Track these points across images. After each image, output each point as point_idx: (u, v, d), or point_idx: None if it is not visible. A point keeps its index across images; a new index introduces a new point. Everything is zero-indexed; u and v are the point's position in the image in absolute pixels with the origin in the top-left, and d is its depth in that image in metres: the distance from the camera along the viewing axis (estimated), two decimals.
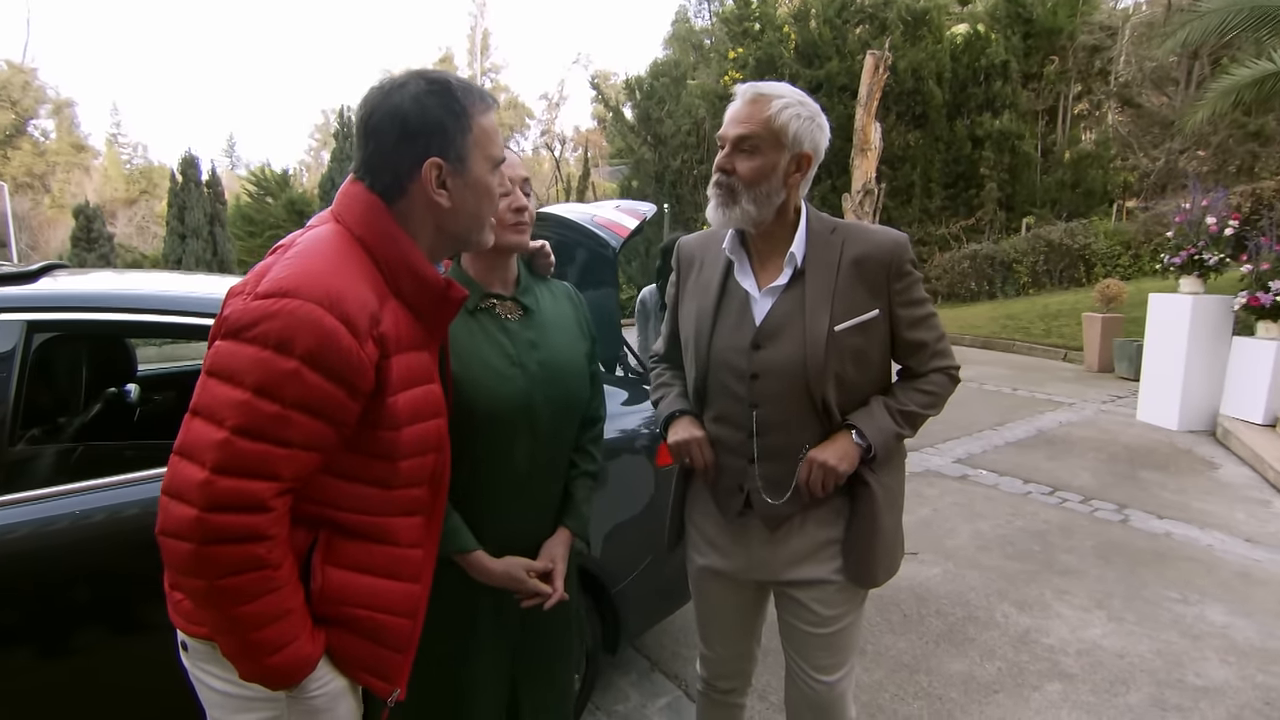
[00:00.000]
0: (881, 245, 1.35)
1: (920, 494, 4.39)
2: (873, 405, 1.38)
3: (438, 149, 1.01)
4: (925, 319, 1.39)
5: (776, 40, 16.81)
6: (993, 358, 9.52)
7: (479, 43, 37.74)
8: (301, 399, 0.90)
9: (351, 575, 1.04)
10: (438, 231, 1.08)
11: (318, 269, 0.94)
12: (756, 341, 1.37)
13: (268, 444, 0.89)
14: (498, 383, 1.32)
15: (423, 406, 1.07)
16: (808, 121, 1.30)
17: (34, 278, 1.69)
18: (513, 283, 1.42)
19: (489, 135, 1.07)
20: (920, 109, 15.82)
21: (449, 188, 1.04)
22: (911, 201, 15.90)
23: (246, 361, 0.89)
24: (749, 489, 1.42)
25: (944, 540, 3.70)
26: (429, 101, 1.01)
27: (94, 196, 26.11)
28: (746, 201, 1.31)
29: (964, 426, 5.93)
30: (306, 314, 0.89)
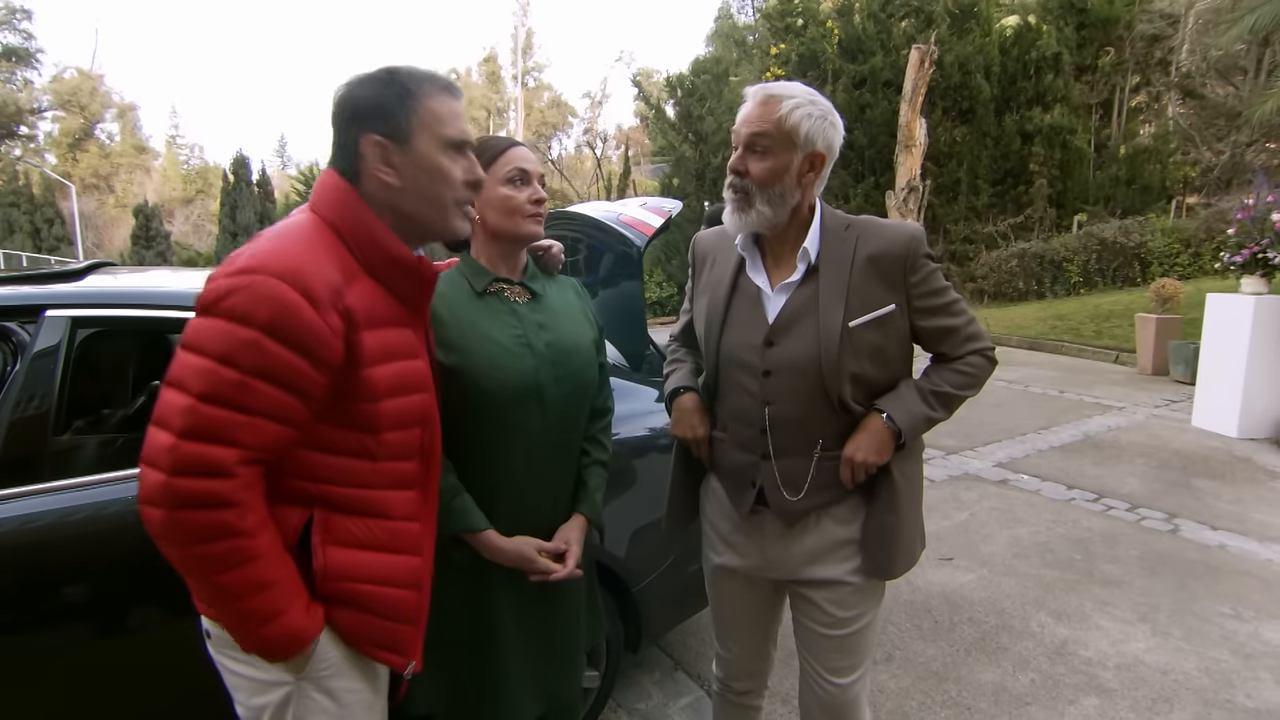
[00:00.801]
0: (896, 239, 1.33)
1: (958, 498, 4.29)
2: (901, 388, 1.36)
3: (378, 127, 1.05)
4: (949, 305, 1.37)
5: (819, 35, 16.58)
6: (1040, 359, 9.24)
7: (522, 42, 38.10)
8: (261, 366, 0.93)
9: (351, 552, 1.07)
10: (396, 213, 1.09)
11: (281, 248, 0.98)
12: (769, 338, 1.36)
13: (230, 410, 0.93)
14: (507, 361, 1.35)
15: (404, 381, 1.09)
16: (819, 120, 1.29)
17: (80, 276, 1.76)
18: (521, 270, 1.45)
19: (439, 118, 1.08)
20: (967, 104, 15.42)
21: (395, 165, 1.06)
22: (957, 199, 15.52)
23: (212, 333, 0.94)
24: (762, 485, 1.40)
25: (980, 546, 3.61)
26: (374, 86, 1.06)
27: (153, 196, 27.22)
28: (761, 203, 1.31)
29: (1006, 429, 5.77)
30: (268, 288, 0.94)
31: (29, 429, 1.50)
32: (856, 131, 16.02)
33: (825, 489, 1.38)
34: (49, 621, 1.48)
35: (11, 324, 1.57)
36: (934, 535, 3.73)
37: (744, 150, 1.31)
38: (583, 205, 2.70)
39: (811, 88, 1.33)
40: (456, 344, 1.34)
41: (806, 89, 1.31)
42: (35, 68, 30.91)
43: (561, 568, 1.40)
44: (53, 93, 30.93)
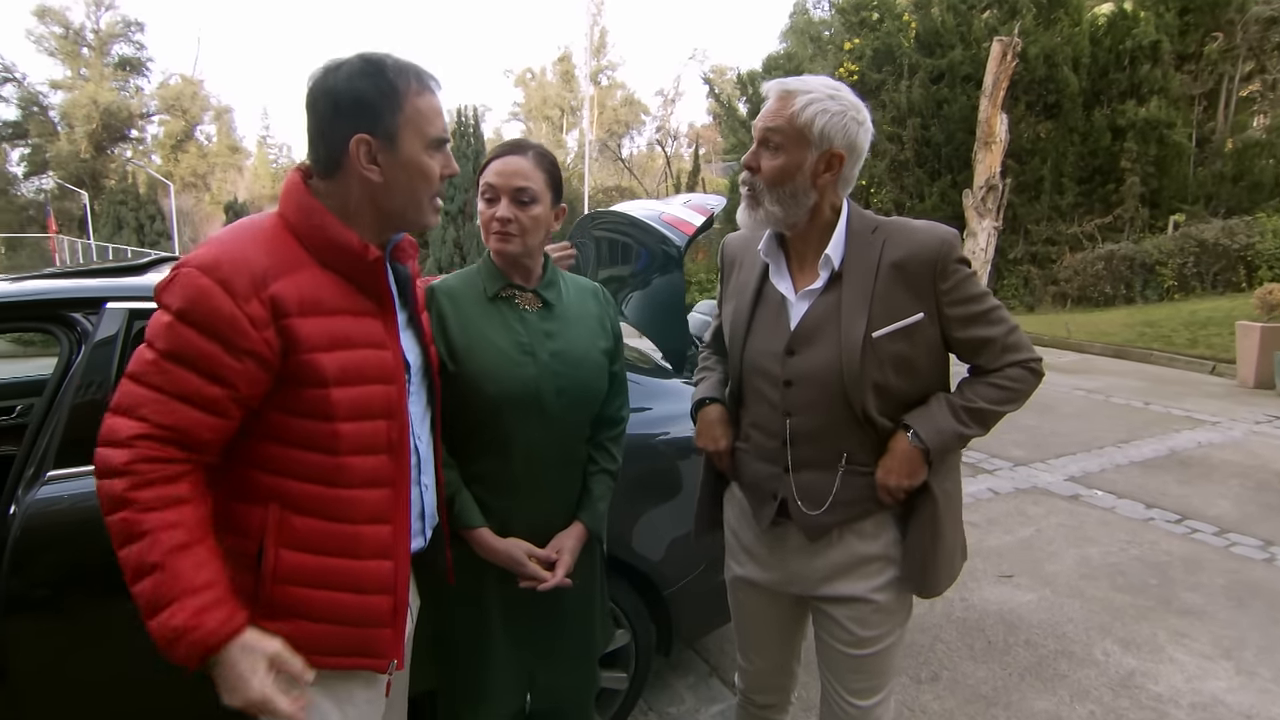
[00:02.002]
0: (925, 244, 1.25)
1: (1023, 512, 4.07)
2: (931, 403, 1.29)
3: (366, 126, 1.05)
4: (985, 314, 1.28)
5: (895, 29, 16.06)
6: (1125, 368, 8.68)
7: (596, 41, 38.49)
8: (171, 349, 0.98)
9: (306, 556, 1.07)
10: (374, 207, 1.11)
11: (213, 241, 1.04)
12: (790, 347, 1.31)
13: (142, 387, 0.98)
14: (508, 368, 1.35)
15: (360, 369, 1.09)
16: (838, 117, 1.22)
17: (143, 271, 1.86)
18: (536, 276, 1.44)
19: (424, 115, 1.09)
20: (1053, 98, 14.62)
21: (380, 164, 1.08)
22: (1040, 198, 14.74)
23: (150, 322, 1.01)
24: (784, 498, 1.36)
25: (1044, 564, 3.41)
26: (360, 81, 1.05)
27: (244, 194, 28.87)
28: (770, 202, 1.26)
29: (1082, 441, 5.44)
30: (188, 278, 0.99)
31: (89, 413, 1.60)
32: (933, 128, 15.44)
33: (849, 505, 1.32)
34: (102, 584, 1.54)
35: (77, 314, 1.67)
36: (994, 551, 3.56)
37: (758, 145, 1.27)
38: (626, 204, 2.69)
39: (840, 82, 1.26)
40: (460, 347, 1.35)
41: (829, 83, 1.24)
42: (145, 75, 33.37)
43: (550, 576, 1.39)
44: (159, 98, 33.26)
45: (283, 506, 1.07)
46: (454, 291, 1.41)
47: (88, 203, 26.66)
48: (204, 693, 1.38)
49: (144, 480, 0.96)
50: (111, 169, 30.49)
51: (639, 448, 2.12)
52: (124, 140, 32.70)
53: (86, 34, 31.26)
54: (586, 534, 1.48)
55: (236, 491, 1.07)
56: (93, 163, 30.25)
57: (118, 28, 31.93)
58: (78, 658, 1.59)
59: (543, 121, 38.95)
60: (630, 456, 2.08)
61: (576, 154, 25.54)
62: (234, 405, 1.02)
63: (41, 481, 1.55)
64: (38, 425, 1.62)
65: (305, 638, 1.07)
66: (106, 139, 31.24)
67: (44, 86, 31.64)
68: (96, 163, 30.45)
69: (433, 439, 1.31)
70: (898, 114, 15.62)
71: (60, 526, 1.54)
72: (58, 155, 30.20)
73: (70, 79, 31.49)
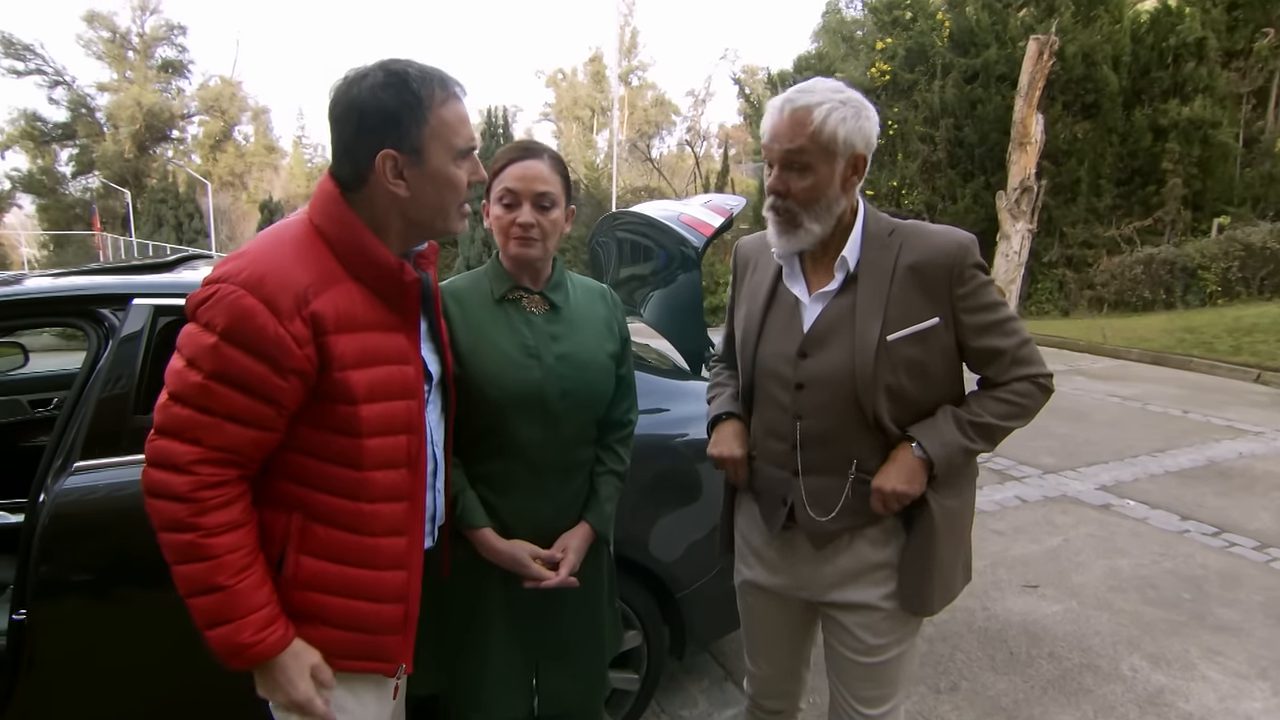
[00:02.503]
0: (941, 248, 1.22)
1: (1051, 522, 3.98)
2: (938, 415, 1.26)
3: (392, 141, 1.04)
4: (999, 324, 1.25)
5: (929, 28, 15.82)
6: (1163, 375, 8.44)
7: (627, 41, 38.52)
8: (219, 370, 0.98)
9: (324, 564, 1.09)
10: (402, 219, 1.11)
11: (252, 254, 1.02)
12: (803, 349, 1.29)
13: (192, 410, 0.98)
14: (512, 371, 1.36)
15: (387, 386, 1.10)
16: (854, 119, 1.19)
17: (171, 268, 1.91)
18: (544, 278, 1.44)
19: (449, 126, 1.07)
20: (1091, 97, 14.27)
21: (406, 178, 1.07)
22: (1076, 200, 14.41)
23: (186, 337, 1.00)
24: (793, 502, 1.34)
25: (1071, 575, 3.33)
26: (384, 94, 1.03)
27: (279, 192, 29.46)
28: (809, 221, 1.23)
29: (1115, 450, 5.30)
30: (231, 297, 0.98)
31: (115, 406, 1.64)
32: (966, 129, 15.18)
33: (859, 512, 1.30)
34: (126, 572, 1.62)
35: (105, 310, 1.72)
36: (1020, 560, 3.48)
37: (780, 169, 1.23)
38: (645, 204, 2.69)
39: (843, 83, 1.23)
40: (465, 348, 1.36)
41: (831, 84, 1.21)
42: (186, 77, 34.25)
43: (554, 575, 1.39)
44: (199, 99, 34.14)
45: (306, 516, 1.09)
46: (461, 293, 1.41)
47: (130, 201, 27.47)
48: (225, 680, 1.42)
49: (208, 507, 0.99)
50: (153, 168, 31.39)
51: (657, 449, 2.12)
52: (165, 140, 33.62)
53: (132, 38, 32.20)
54: (592, 535, 1.47)
55: (262, 498, 1.09)
56: (135, 162, 31.16)
57: (161, 31, 32.82)
58: (103, 644, 1.63)
59: (573, 122, 39.08)
60: (648, 457, 2.08)
61: (606, 154, 25.58)
62: (281, 421, 1.03)
63: (69, 472, 1.60)
64: (66, 417, 1.67)
65: (321, 641, 1.11)
66: (149, 139, 32.15)
67: (91, 89, 32.70)
68: (139, 162, 31.36)
69: (445, 444, 1.32)
70: (930, 114, 15.39)
71: (85, 516, 1.59)
72: (103, 155, 31.15)
73: (116, 81, 32.46)
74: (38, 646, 1.58)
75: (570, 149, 36.95)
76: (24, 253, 29.52)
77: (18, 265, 27.50)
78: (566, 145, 37.55)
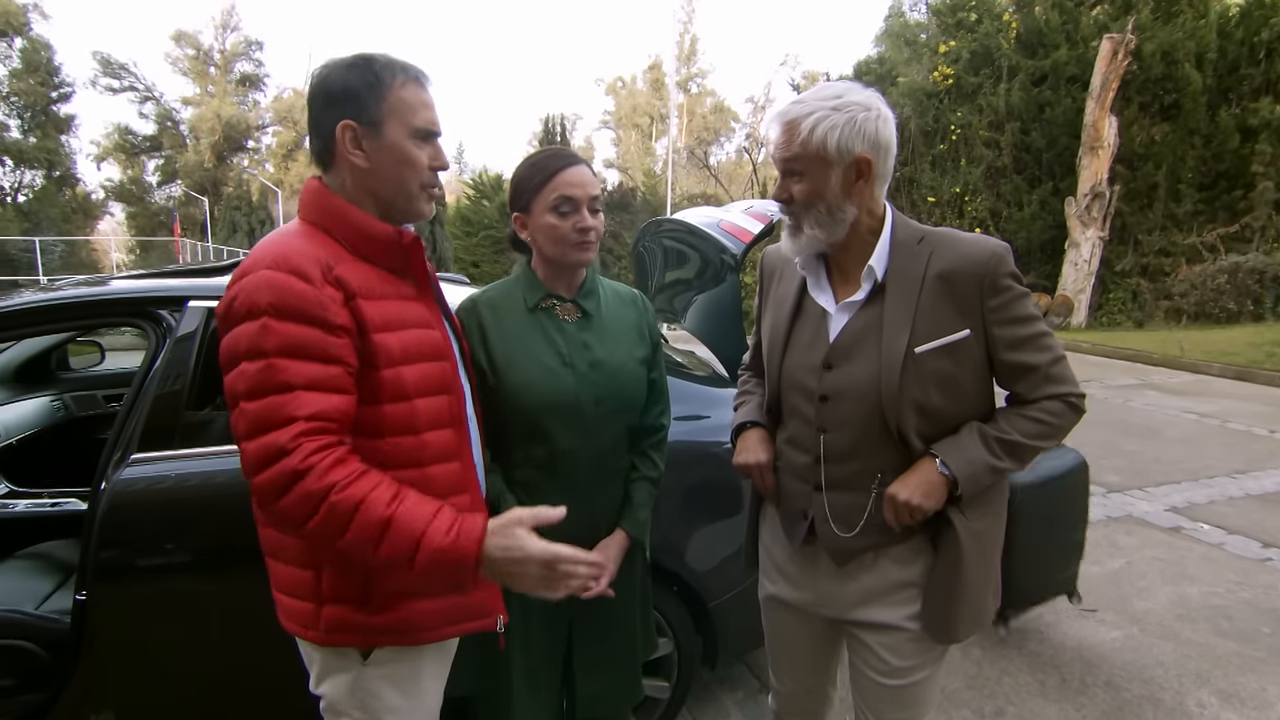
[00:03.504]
0: (973, 257, 1.18)
1: (1114, 543, 3.77)
2: (963, 432, 1.21)
3: (351, 112, 1.10)
4: (1032, 339, 1.20)
5: (995, 30, 15.34)
6: (1248, 391, 7.93)
7: (686, 49, 38.59)
8: (279, 345, 0.99)
9: None
10: (370, 196, 1.14)
11: (263, 247, 1.07)
12: (828, 360, 1.26)
13: (270, 396, 0.98)
14: (547, 379, 1.37)
15: (420, 347, 1.14)
16: (848, 125, 1.16)
17: (224, 272, 2.00)
18: (577, 286, 1.45)
19: (409, 106, 1.12)
20: (1171, 98, 13.56)
21: (364, 149, 1.11)
22: (1153, 206, 13.70)
23: (232, 341, 1.02)
24: (814, 517, 1.31)
25: (1133, 600, 3.15)
26: (348, 73, 1.11)
27: None
28: (809, 226, 1.22)
29: (1189, 469, 5.00)
30: (261, 279, 1.01)
31: (169, 402, 1.73)
32: (1034, 133, 14.65)
33: (883, 530, 1.25)
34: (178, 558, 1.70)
35: (163, 311, 1.81)
36: None
37: (782, 177, 1.24)
38: (687, 211, 2.69)
39: (860, 84, 1.19)
40: (500, 358, 1.37)
41: (830, 92, 1.18)
42: (262, 90, 36.06)
43: (594, 586, 1.37)
44: (273, 110, 35.88)
45: None
46: (494, 303, 1.43)
47: (208, 208, 29.02)
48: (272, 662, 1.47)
49: (327, 467, 0.97)
50: (230, 177, 33.11)
51: (697, 456, 2.11)
52: (242, 150, 35.43)
53: (214, 54, 34.08)
54: (629, 542, 1.47)
55: None
56: (214, 171, 32.94)
57: (240, 47, 34.66)
58: (156, 625, 1.72)
59: (632, 129, 39.36)
60: (686, 465, 2.07)
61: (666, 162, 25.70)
62: (350, 380, 1.05)
63: (127, 463, 1.69)
64: (126, 412, 1.76)
65: (419, 617, 1.14)
66: (227, 149, 33.96)
67: (177, 103, 34.81)
68: (217, 171, 33.14)
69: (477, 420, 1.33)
70: (995, 118, 14.91)
71: (141, 505, 1.68)
72: (185, 165, 33.04)
73: (198, 95, 34.43)
74: (96, 626, 1.67)
75: (629, 156, 37.21)
76: (114, 257, 31.51)
77: (108, 269, 29.32)
78: (625, 152, 37.85)
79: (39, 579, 2.21)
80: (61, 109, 27.30)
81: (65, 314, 1.86)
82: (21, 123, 26.31)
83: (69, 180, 27.87)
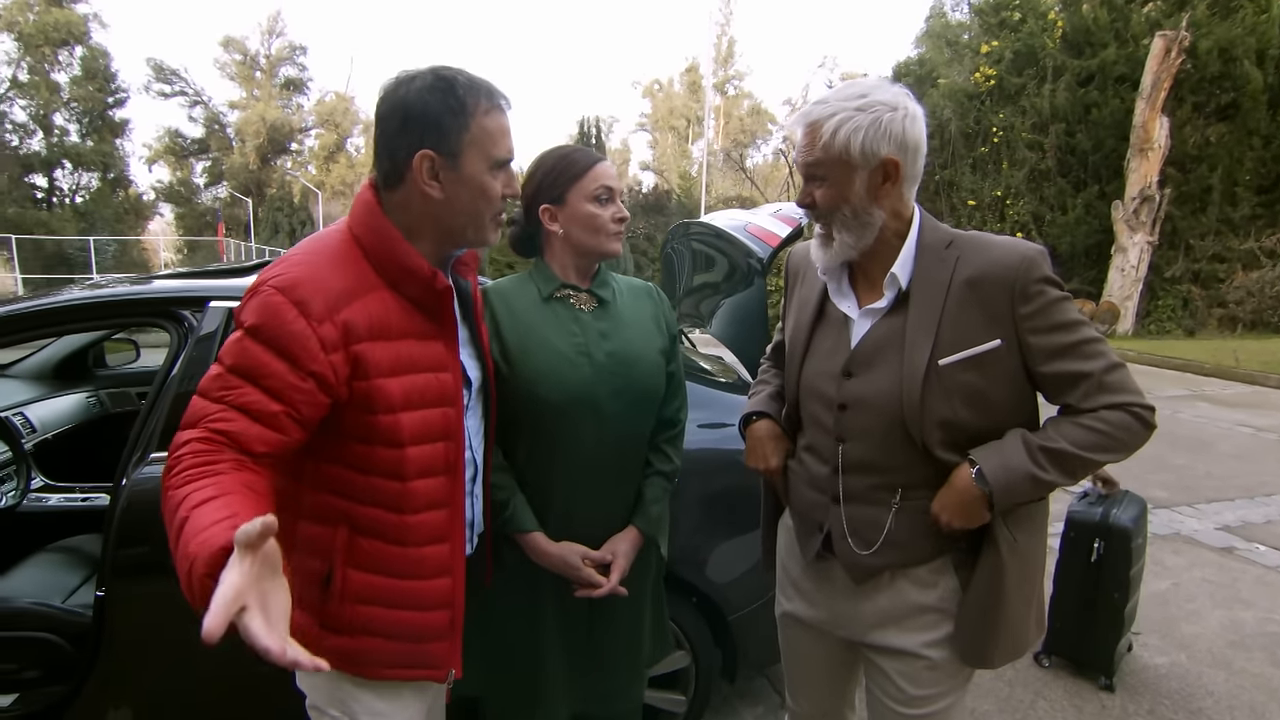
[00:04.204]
0: (1002, 262, 1.10)
1: (1160, 563, 3.60)
2: (1007, 437, 1.12)
3: (431, 142, 1.05)
4: (1078, 345, 1.09)
5: (1039, 29, 14.94)
6: None
7: (724, 51, 38.45)
8: (237, 364, 0.98)
9: (371, 577, 1.10)
10: (435, 224, 1.11)
11: (291, 260, 1.04)
12: (848, 368, 1.20)
13: (206, 400, 0.98)
14: (565, 370, 1.34)
15: (423, 393, 1.10)
16: (874, 125, 1.08)
17: (247, 272, 2.01)
18: (590, 276, 1.43)
19: (490, 135, 1.08)
20: (1228, 97, 13.05)
21: (441, 180, 1.07)
22: (1207, 210, 13.20)
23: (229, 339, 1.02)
24: (831, 531, 1.24)
25: (1181, 625, 3.00)
26: (430, 96, 1.05)
27: None
28: (838, 231, 1.16)
29: (1244, 486, 4.76)
30: (265, 298, 1.00)
31: (188, 401, 1.73)
32: (1079, 134, 14.25)
33: (903, 547, 1.18)
34: None
35: (185, 311, 1.82)
36: None
37: (805, 182, 1.17)
38: (714, 214, 2.64)
39: (884, 81, 1.13)
40: (514, 348, 1.34)
41: (855, 91, 1.11)
42: (305, 93, 36.90)
43: (606, 582, 1.36)
44: (316, 114, 36.72)
45: (351, 530, 1.09)
46: (508, 293, 1.41)
47: (251, 209, 29.80)
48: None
49: (182, 468, 0.92)
50: (273, 179, 34.00)
51: (720, 464, 2.06)
52: (285, 153, 36.32)
53: (260, 59, 35.00)
54: (641, 539, 1.44)
55: (310, 513, 1.10)
56: (258, 173, 33.83)
57: (285, 52, 35.51)
58: (168, 621, 1.72)
59: (669, 132, 39.31)
60: (709, 472, 2.02)
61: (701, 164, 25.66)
62: (291, 424, 1.00)
63: (146, 461, 1.70)
64: (148, 410, 1.77)
65: (371, 652, 1.12)
66: (271, 152, 34.85)
67: (224, 107, 35.83)
68: (261, 173, 34.03)
69: (485, 451, 1.32)
70: (1039, 120, 14.53)
71: (157, 503, 1.67)
72: (231, 167, 33.98)
73: (244, 99, 35.38)
74: (114, 622, 1.69)
75: (665, 159, 37.20)
76: (163, 256, 32.55)
77: (157, 267, 30.32)
78: (662, 155, 37.85)
79: (67, 572, 2.25)
80: (116, 114, 28.32)
81: (91, 314, 1.88)
82: (80, 127, 27.35)
83: (122, 182, 28.91)
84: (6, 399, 2.84)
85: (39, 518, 2.55)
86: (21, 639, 1.96)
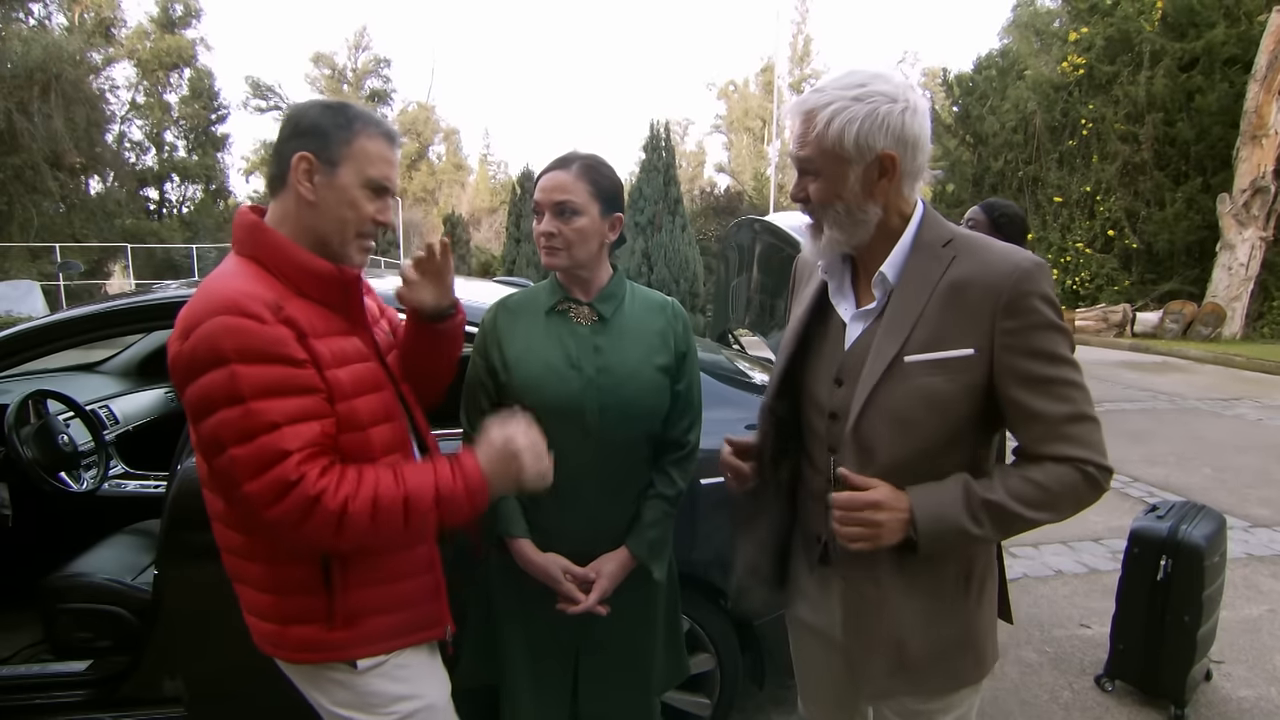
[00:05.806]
0: (994, 266, 1.02)
1: (1254, 585, 3.31)
2: (949, 482, 1.05)
3: (312, 146, 1.12)
4: (1050, 383, 1.01)
5: (1135, 12, 14.02)
6: None
7: (799, 50, 37.81)
8: (254, 389, 1.01)
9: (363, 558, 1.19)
10: (308, 233, 1.15)
11: (209, 291, 1.06)
12: (839, 376, 1.14)
13: (259, 438, 1.01)
14: (552, 381, 1.35)
15: (365, 379, 1.18)
16: (870, 116, 1.01)
17: None
18: (596, 288, 1.42)
19: (369, 156, 1.14)
20: None
21: (315, 183, 1.13)
22: None
23: (202, 392, 1.02)
24: (827, 542, 1.20)
25: (1274, 655, 2.73)
26: (322, 112, 1.14)
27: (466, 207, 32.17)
28: (829, 226, 1.11)
29: None
30: (216, 326, 1.01)
31: None
32: (1180, 124, 13.31)
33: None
34: None
35: None
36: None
37: (799, 175, 1.12)
38: (778, 214, 2.70)
39: (888, 71, 1.06)
40: (510, 358, 1.38)
41: (854, 80, 1.04)
42: (389, 104, 38.46)
43: (585, 600, 1.37)
44: (399, 123, 38.23)
45: None
46: (515, 306, 1.44)
47: None
48: None
49: (338, 484, 1.05)
50: None
51: None
52: None
53: (347, 73, 36.76)
54: (631, 561, 1.41)
55: None
56: None
57: (370, 65, 37.16)
58: (214, 600, 1.82)
59: (744, 133, 38.92)
60: None
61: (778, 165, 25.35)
62: (326, 404, 1.09)
63: (194, 453, 1.81)
64: None
65: (381, 630, 1.21)
66: None
67: None
68: None
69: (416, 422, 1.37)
70: (1133, 110, 13.66)
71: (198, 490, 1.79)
72: None
73: None
74: (166, 598, 1.81)
75: (740, 160, 36.88)
76: None
77: None
78: (737, 156, 37.55)
79: (139, 552, 2.42)
80: (218, 129, 30.25)
81: (152, 315, 2.02)
82: (187, 143, 29.39)
83: (222, 193, 30.81)
84: (95, 393, 3.09)
85: (119, 502, 2.76)
86: (97, 611, 2.14)
